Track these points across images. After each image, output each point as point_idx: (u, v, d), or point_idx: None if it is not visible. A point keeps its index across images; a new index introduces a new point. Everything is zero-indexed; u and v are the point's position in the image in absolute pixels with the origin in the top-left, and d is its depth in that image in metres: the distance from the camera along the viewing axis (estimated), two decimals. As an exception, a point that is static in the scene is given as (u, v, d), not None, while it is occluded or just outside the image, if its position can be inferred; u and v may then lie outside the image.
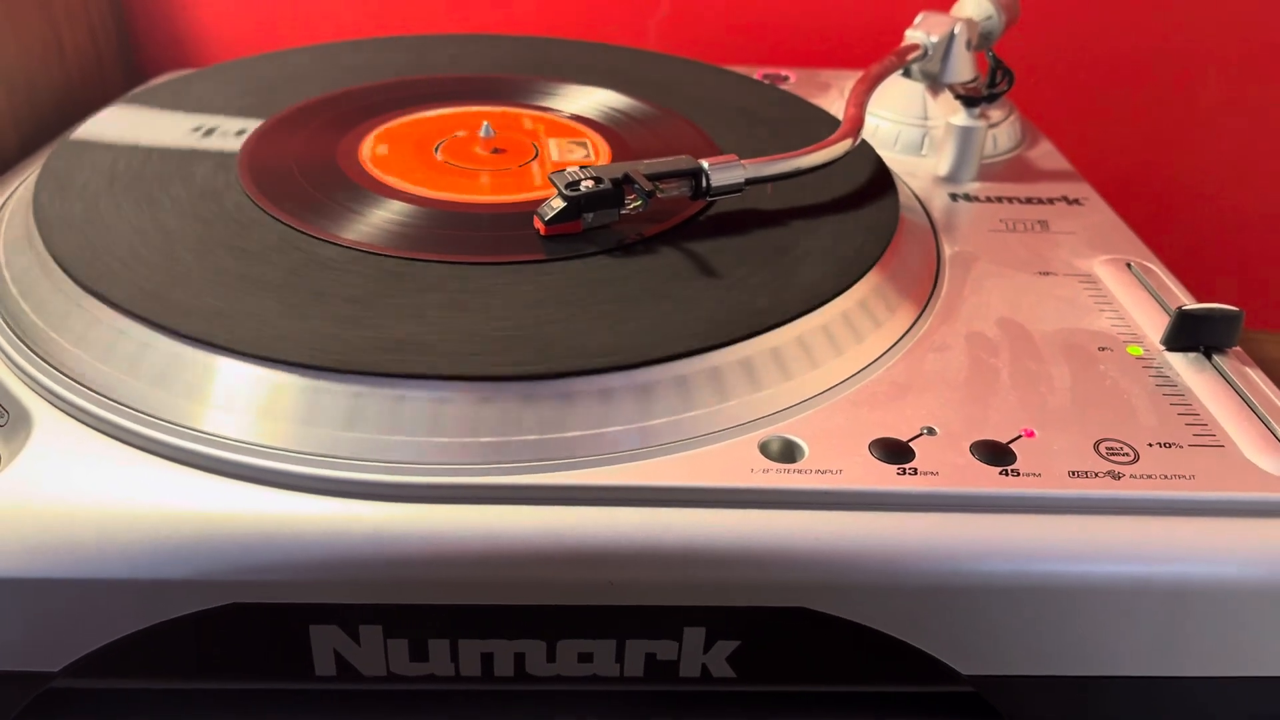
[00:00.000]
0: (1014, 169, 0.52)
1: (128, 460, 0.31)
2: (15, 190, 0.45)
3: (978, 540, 0.31)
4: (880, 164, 0.47)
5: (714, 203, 0.42)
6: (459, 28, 0.70)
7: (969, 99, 0.49)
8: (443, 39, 0.60)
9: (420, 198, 0.42)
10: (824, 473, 0.31)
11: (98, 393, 0.32)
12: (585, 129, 0.49)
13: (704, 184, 0.39)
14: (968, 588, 0.31)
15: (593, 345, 0.33)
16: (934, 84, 0.53)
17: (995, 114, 0.53)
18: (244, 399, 0.32)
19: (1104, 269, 0.43)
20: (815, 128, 0.49)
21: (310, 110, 0.49)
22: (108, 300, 0.34)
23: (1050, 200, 0.49)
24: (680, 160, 0.40)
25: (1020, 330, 0.39)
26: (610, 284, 0.36)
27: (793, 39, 0.70)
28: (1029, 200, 0.49)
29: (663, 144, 0.48)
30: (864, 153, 0.47)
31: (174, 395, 0.32)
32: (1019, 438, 0.33)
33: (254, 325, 0.33)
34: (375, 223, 0.40)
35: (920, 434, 0.33)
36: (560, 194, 0.38)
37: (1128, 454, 0.33)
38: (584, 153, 0.46)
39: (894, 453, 0.32)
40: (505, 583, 0.30)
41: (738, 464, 0.31)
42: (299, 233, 0.39)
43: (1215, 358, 0.37)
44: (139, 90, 0.53)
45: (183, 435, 0.31)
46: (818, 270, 0.38)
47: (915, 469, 0.32)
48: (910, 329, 0.38)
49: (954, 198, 0.49)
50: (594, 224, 0.39)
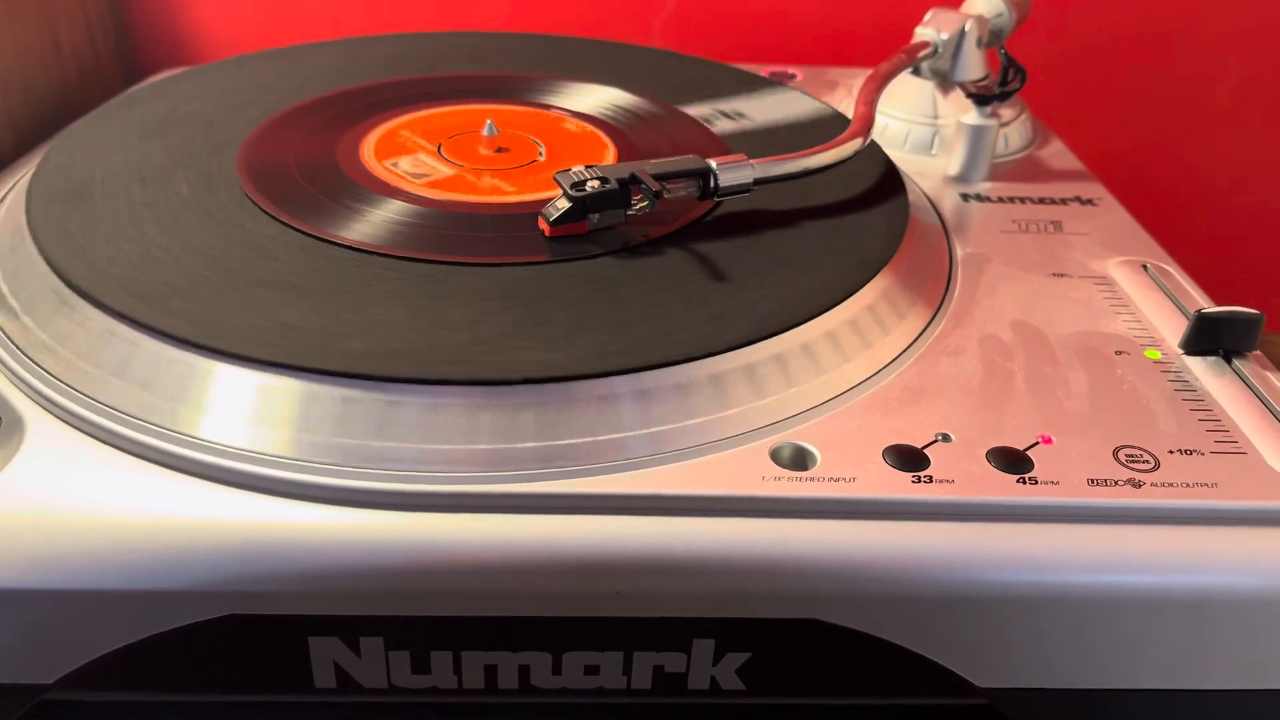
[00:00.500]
0: (1025, 168, 0.52)
1: (122, 467, 0.30)
2: (10, 190, 0.44)
3: (994, 550, 0.30)
4: (890, 164, 0.46)
5: (721, 203, 0.41)
6: (460, 25, 0.69)
7: (980, 97, 0.48)
8: (443, 37, 0.59)
9: (422, 197, 0.41)
10: (837, 480, 0.30)
11: (91, 397, 0.32)
12: (591, 127, 0.48)
13: (712, 184, 0.39)
14: (984, 599, 0.30)
15: (599, 349, 0.32)
16: (944, 82, 0.52)
17: (1006, 112, 0.53)
18: (241, 404, 0.31)
19: (1119, 271, 0.42)
20: (824, 127, 0.49)
21: (309, 109, 0.48)
22: (100, 303, 0.33)
23: (1063, 200, 0.48)
24: (687, 160, 0.39)
25: (1035, 333, 0.38)
26: (616, 286, 0.36)
27: (800, 36, 0.69)
28: (1041, 200, 0.48)
29: (669, 143, 0.47)
30: (873, 152, 0.46)
31: (169, 400, 0.31)
32: (1036, 444, 0.32)
33: (251, 329, 0.32)
34: (376, 222, 0.39)
35: (935, 440, 0.32)
36: (565, 194, 0.38)
37: (1148, 461, 0.32)
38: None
39: (908, 460, 0.31)
40: (510, 593, 0.30)
41: (748, 471, 0.31)
42: (297, 232, 0.38)
43: (1235, 361, 0.36)
44: (136, 88, 0.53)
45: (179, 441, 0.30)
46: (828, 272, 0.37)
47: (930, 477, 0.31)
48: (923, 332, 0.37)
49: (965, 198, 0.48)
50: (600, 225, 0.38)
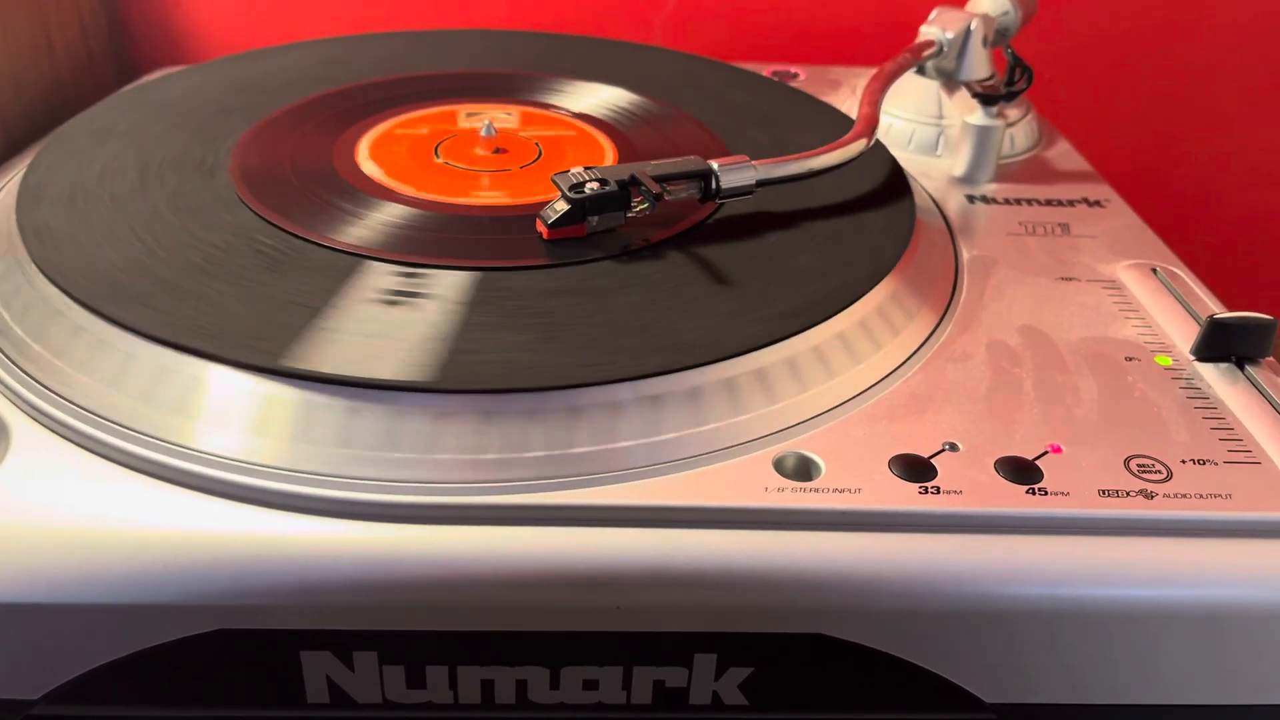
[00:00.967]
0: (1032, 169, 0.51)
1: (110, 477, 0.30)
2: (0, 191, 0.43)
3: (1003, 563, 0.29)
4: (895, 165, 0.45)
5: (723, 205, 0.40)
6: (458, 23, 0.68)
7: (986, 97, 0.47)
8: (440, 35, 0.58)
9: (419, 200, 0.40)
10: (842, 491, 0.30)
11: (78, 404, 0.31)
12: (590, 128, 0.47)
13: (714, 186, 0.38)
14: (992, 612, 0.29)
15: (596, 356, 0.32)
16: (949, 82, 0.51)
17: (1012, 112, 0.52)
18: (233, 412, 0.30)
19: (1128, 274, 0.42)
20: (827, 127, 0.48)
21: (305, 109, 0.47)
22: (88, 307, 0.33)
23: (1070, 202, 0.47)
24: (689, 161, 0.38)
25: (1043, 339, 0.37)
26: (615, 291, 0.35)
27: (803, 35, 0.68)
28: (1048, 202, 0.47)
29: (670, 144, 0.46)
30: (878, 153, 0.46)
31: (158, 407, 0.30)
32: (1045, 454, 0.32)
33: (243, 334, 0.32)
34: (372, 226, 0.38)
35: (942, 450, 0.31)
36: (564, 196, 0.37)
37: (1160, 471, 0.31)
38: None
39: (915, 470, 0.31)
40: (507, 608, 0.29)
41: (751, 482, 0.30)
42: (291, 236, 0.37)
43: (1248, 368, 0.36)
44: (129, 87, 0.52)
45: (168, 451, 0.30)
46: (832, 277, 0.37)
47: (937, 487, 0.30)
48: (929, 338, 0.37)
49: (971, 199, 0.47)
50: (599, 228, 0.37)
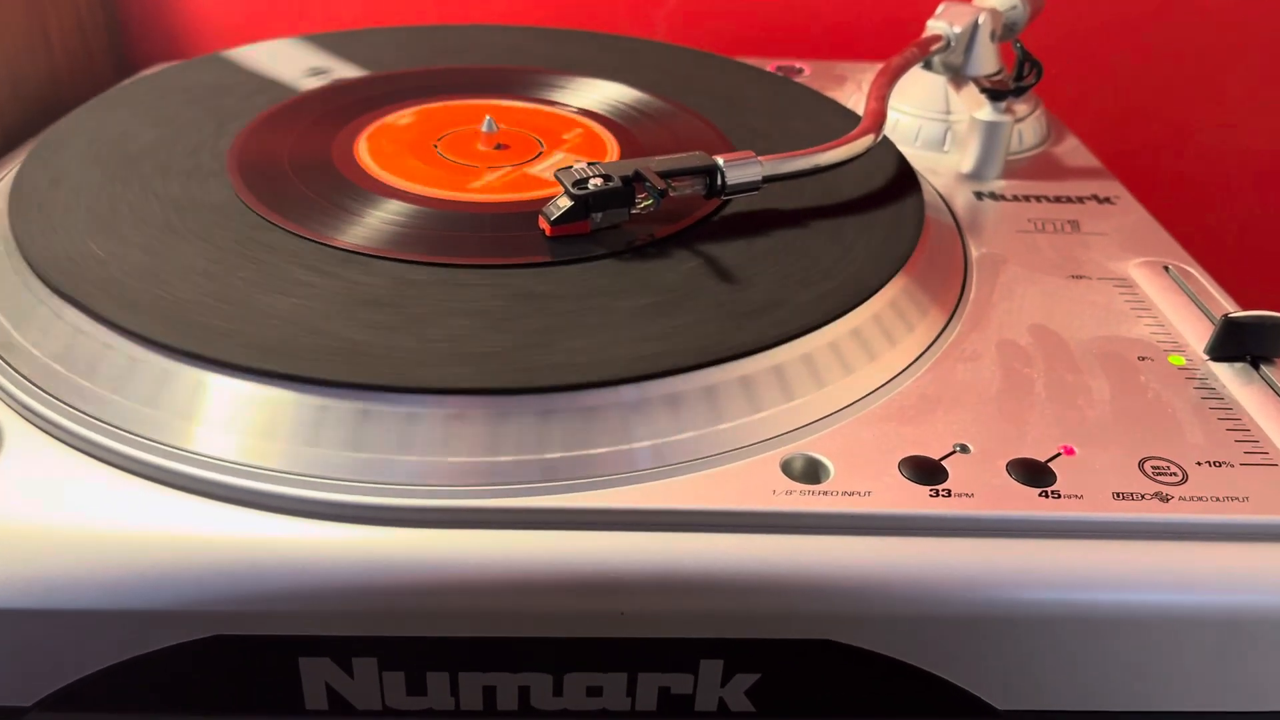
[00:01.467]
0: (1041, 166, 0.50)
1: (105, 480, 0.29)
2: (-6, 188, 0.43)
3: (1016, 567, 0.29)
4: (903, 161, 0.45)
5: (729, 202, 0.40)
6: (459, 18, 0.68)
7: (995, 92, 0.47)
8: (441, 29, 0.57)
9: (420, 197, 0.40)
10: (851, 494, 0.29)
11: (72, 406, 0.30)
12: (593, 124, 0.46)
13: (719, 182, 0.37)
14: (1005, 618, 0.29)
15: (601, 355, 0.31)
16: (957, 77, 0.51)
17: (1020, 108, 0.51)
18: (229, 414, 0.30)
19: (1140, 272, 0.41)
20: (833, 122, 0.47)
21: (303, 104, 0.47)
22: (82, 306, 0.32)
23: (1080, 199, 0.47)
24: (694, 157, 0.38)
25: (1055, 338, 0.36)
26: (620, 289, 0.34)
27: (807, 29, 0.68)
28: (1058, 199, 0.47)
29: (674, 140, 0.45)
30: (885, 149, 0.45)
31: (154, 409, 0.30)
32: (1058, 456, 0.31)
33: (240, 335, 0.31)
34: (372, 224, 0.38)
35: (952, 452, 0.31)
36: (567, 192, 0.36)
37: (1175, 473, 0.30)
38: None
39: (925, 472, 0.30)
40: (509, 613, 0.28)
41: (758, 485, 0.29)
42: (290, 234, 0.36)
43: (1263, 368, 0.35)
44: (127, 83, 0.51)
45: (163, 453, 0.29)
46: (840, 275, 0.36)
47: (948, 490, 0.29)
48: (938, 337, 0.36)
49: (979, 196, 0.47)
50: (603, 224, 0.37)
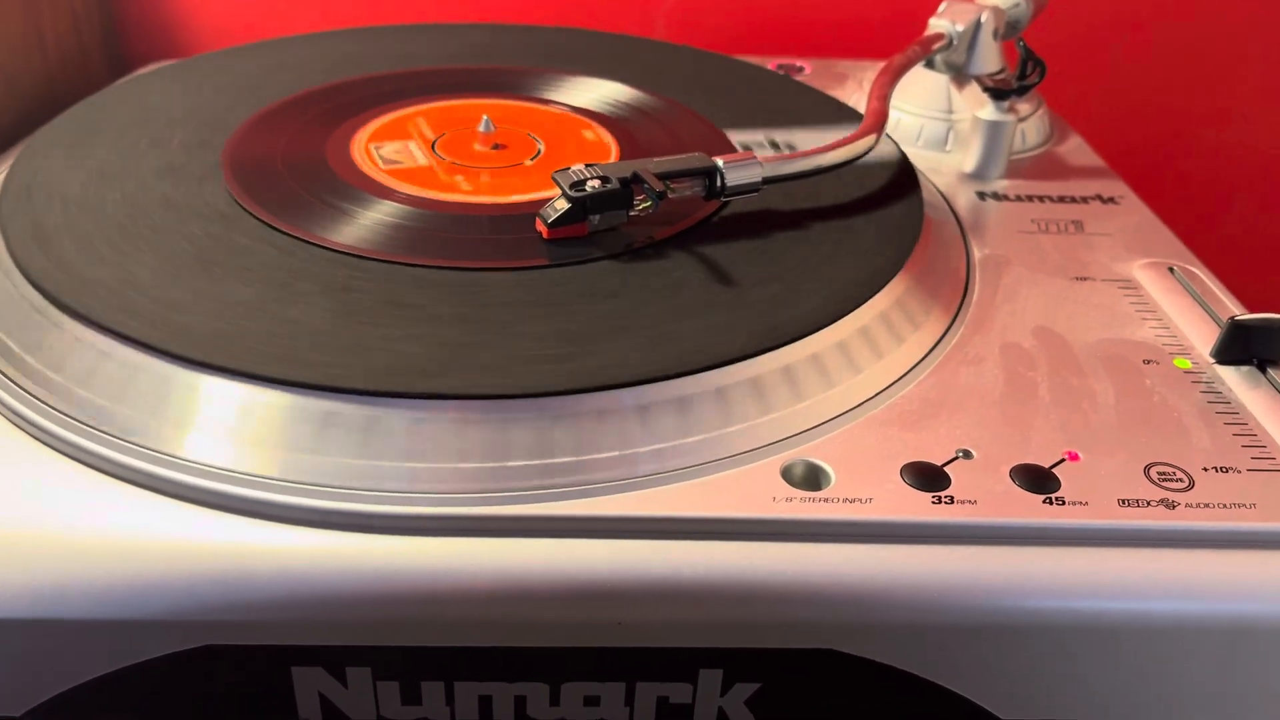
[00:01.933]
0: (1044, 165, 0.50)
1: (95, 486, 0.29)
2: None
3: (1019, 575, 0.28)
4: (905, 161, 0.44)
5: (729, 203, 0.39)
6: (456, 16, 0.67)
7: (998, 91, 0.46)
8: (439, 28, 0.57)
9: (415, 198, 0.39)
10: (852, 501, 0.29)
11: (59, 410, 0.30)
12: (592, 123, 0.46)
13: (718, 183, 0.37)
14: (1008, 627, 0.28)
15: (599, 359, 0.31)
16: (959, 75, 0.50)
17: (1023, 107, 0.51)
18: (221, 420, 0.29)
19: (1144, 274, 0.41)
20: (834, 122, 0.47)
21: (298, 104, 0.46)
22: (71, 310, 0.32)
23: (1084, 199, 0.46)
24: (693, 158, 0.37)
25: (1059, 341, 0.36)
26: (618, 292, 0.34)
27: (808, 27, 0.67)
28: (1061, 199, 0.46)
29: (674, 140, 0.45)
30: (887, 149, 0.44)
31: (143, 415, 0.29)
32: (1062, 461, 0.30)
33: (234, 339, 0.31)
34: (367, 225, 0.37)
35: (955, 457, 0.30)
36: (564, 194, 0.36)
37: (1181, 480, 0.30)
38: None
39: (927, 479, 0.30)
40: (506, 622, 0.28)
41: (758, 491, 0.29)
42: (284, 235, 0.36)
43: (1270, 371, 0.35)
44: (122, 82, 0.51)
45: (153, 459, 0.29)
46: (841, 277, 0.35)
47: (951, 497, 0.29)
48: (940, 340, 0.36)
49: (982, 196, 0.46)
50: (600, 226, 0.36)
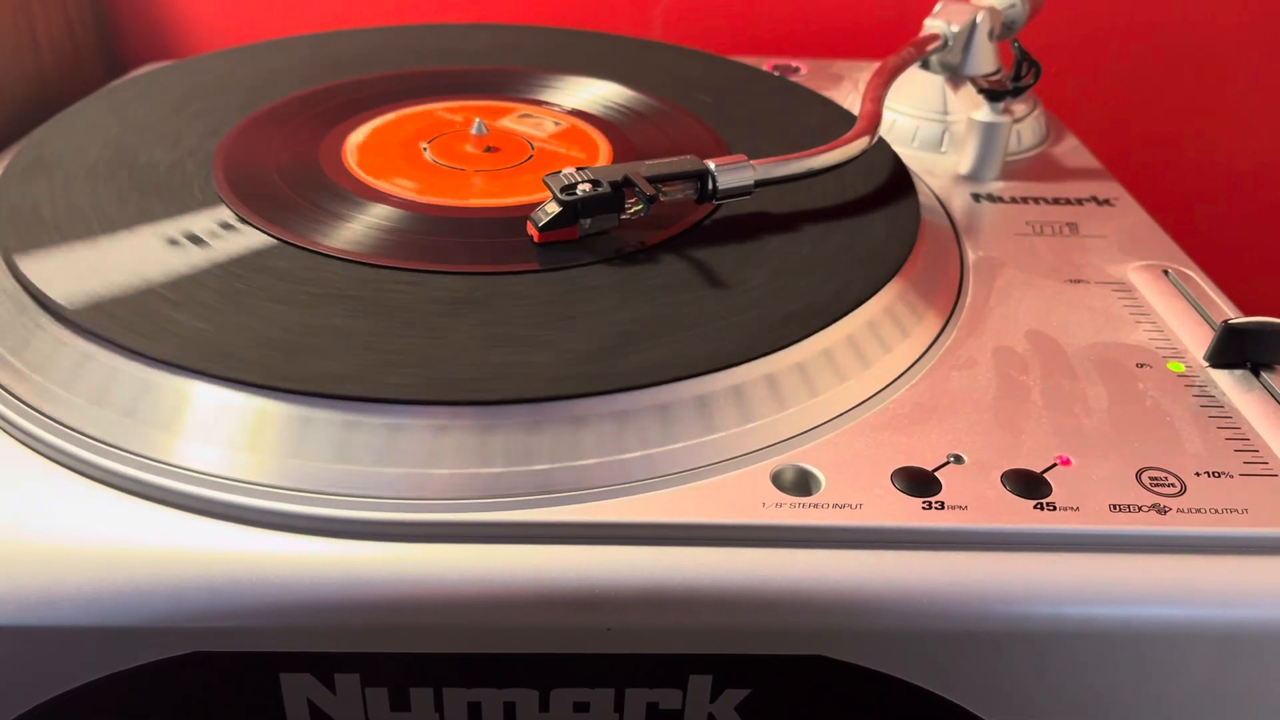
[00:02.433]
0: (1039, 167, 0.50)
1: (82, 493, 0.29)
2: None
3: (1010, 581, 0.28)
4: (899, 163, 0.44)
5: (721, 206, 0.39)
6: (450, 17, 0.67)
7: (993, 92, 0.46)
8: (432, 29, 0.57)
9: (407, 201, 0.39)
10: (842, 507, 0.29)
11: (46, 415, 0.30)
12: (585, 125, 0.46)
13: (710, 187, 0.37)
14: (999, 633, 0.28)
15: (590, 365, 0.30)
16: (954, 76, 0.50)
17: (1019, 108, 0.51)
18: (209, 426, 0.29)
19: (1139, 276, 0.40)
20: (829, 123, 0.47)
21: (290, 106, 0.46)
22: (60, 315, 0.31)
23: (1079, 201, 0.46)
24: (684, 161, 0.37)
25: (1052, 344, 0.36)
26: (609, 296, 0.34)
27: (804, 28, 0.67)
28: (1056, 200, 0.46)
29: (667, 142, 0.45)
30: (881, 151, 0.44)
31: (132, 421, 0.29)
32: (1054, 466, 0.30)
33: (220, 344, 0.30)
34: (358, 229, 0.37)
35: (946, 462, 0.30)
36: (555, 198, 0.36)
37: (1173, 485, 0.30)
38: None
39: (918, 484, 0.29)
40: (494, 629, 0.28)
41: (748, 497, 0.29)
42: (275, 239, 0.36)
43: (1263, 375, 0.34)
44: (116, 84, 0.51)
45: (141, 465, 0.29)
46: (833, 280, 0.35)
47: (942, 502, 0.29)
48: (933, 344, 0.35)
49: (976, 198, 0.46)
50: (592, 230, 0.36)
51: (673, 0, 0.67)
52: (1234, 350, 0.35)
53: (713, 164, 0.37)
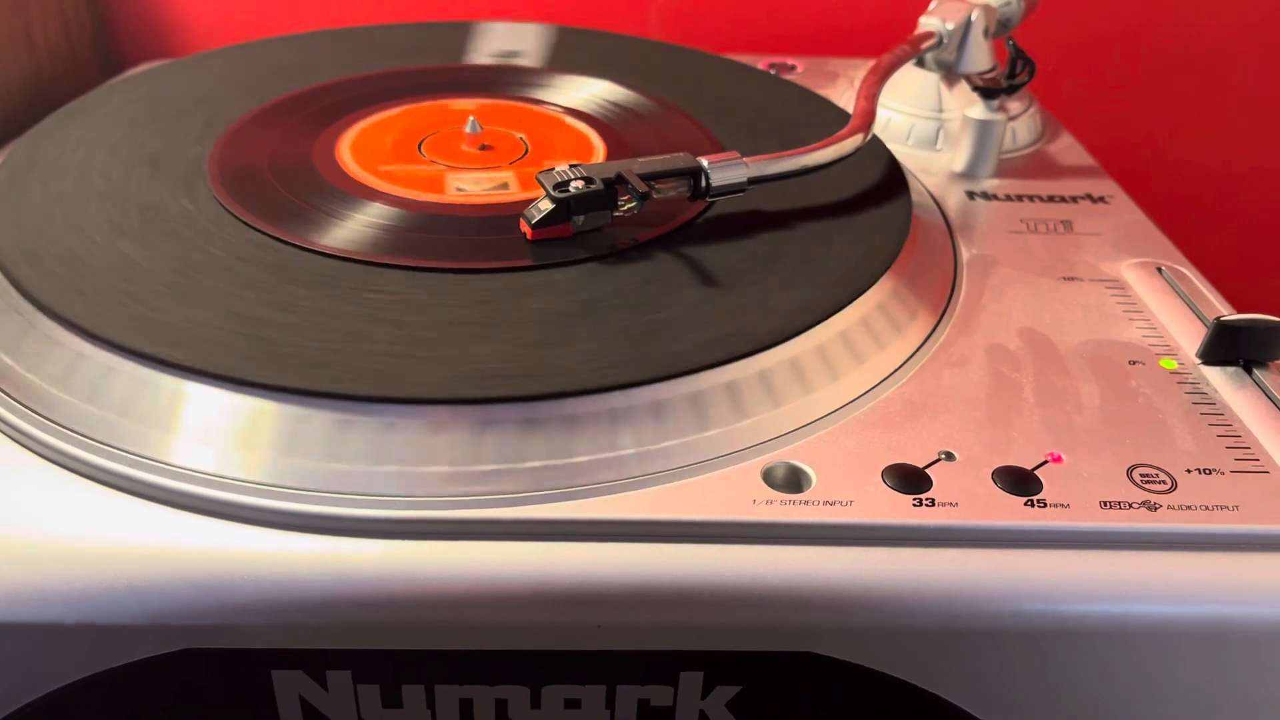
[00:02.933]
0: (1034, 164, 0.50)
1: (74, 491, 0.29)
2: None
3: (1001, 578, 0.28)
4: (892, 161, 0.44)
5: (714, 204, 0.39)
6: (446, 15, 0.67)
7: (987, 90, 0.46)
8: (427, 27, 0.57)
9: (401, 199, 0.39)
10: (833, 504, 0.29)
11: (38, 413, 0.30)
12: (579, 124, 0.46)
13: (703, 184, 0.37)
14: (990, 630, 0.28)
15: (581, 363, 0.30)
16: (950, 74, 0.50)
17: (1014, 106, 0.51)
18: (201, 424, 0.29)
19: (1133, 273, 0.40)
20: (823, 121, 0.47)
21: (284, 106, 0.46)
22: (53, 312, 0.32)
23: (1074, 198, 0.46)
24: (678, 158, 0.37)
25: (1044, 342, 0.36)
26: (602, 293, 0.34)
27: (801, 26, 0.67)
28: (1051, 198, 0.46)
29: (661, 140, 0.45)
30: (875, 149, 0.44)
31: (122, 417, 0.29)
32: (1045, 463, 0.30)
33: (214, 343, 0.30)
34: (351, 228, 0.37)
35: (938, 460, 0.30)
36: (548, 195, 0.36)
37: (1164, 481, 0.30)
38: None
39: (909, 481, 0.29)
40: (485, 626, 0.28)
41: (739, 494, 0.29)
42: (269, 238, 0.36)
43: (1256, 372, 0.35)
44: (111, 83, 0.51)
45: (132, 462, 0.29)
46: (827, 278, 0.35)
47: (932, 499, 0.29)
48: (925, 341, 0.35)
49: (971, 196, 0.46)
50: (585, 227, 0.36)
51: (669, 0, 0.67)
52: (1227, 347, 0.35)
53: (706, 161, 0.37)
